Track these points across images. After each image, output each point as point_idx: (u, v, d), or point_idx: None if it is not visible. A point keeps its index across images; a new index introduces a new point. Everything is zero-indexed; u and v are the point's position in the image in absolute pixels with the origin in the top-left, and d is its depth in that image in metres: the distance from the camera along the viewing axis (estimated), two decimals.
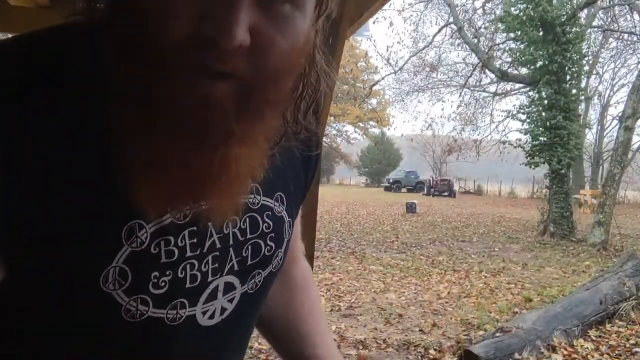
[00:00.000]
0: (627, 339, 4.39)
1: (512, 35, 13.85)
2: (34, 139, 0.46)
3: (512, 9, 13.20)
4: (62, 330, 0.51)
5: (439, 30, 19.72)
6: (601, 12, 18.43)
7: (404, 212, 17.52)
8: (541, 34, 12.55)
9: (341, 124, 40.49)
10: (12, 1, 2.29)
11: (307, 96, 0.56)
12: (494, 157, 21.70)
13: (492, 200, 28.79)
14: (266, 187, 0.59)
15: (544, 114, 12.79)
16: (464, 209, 19.99)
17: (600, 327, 4.64)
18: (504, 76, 16.09)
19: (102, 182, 0.48)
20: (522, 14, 12.59)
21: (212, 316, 0.57)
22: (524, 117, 13.56)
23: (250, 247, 0.59)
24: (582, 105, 23.38)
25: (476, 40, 17.72)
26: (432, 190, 30.76)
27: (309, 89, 0.55)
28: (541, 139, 12.81)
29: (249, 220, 0.58)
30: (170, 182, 0.46)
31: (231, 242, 0.57)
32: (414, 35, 23.71)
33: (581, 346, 4.17)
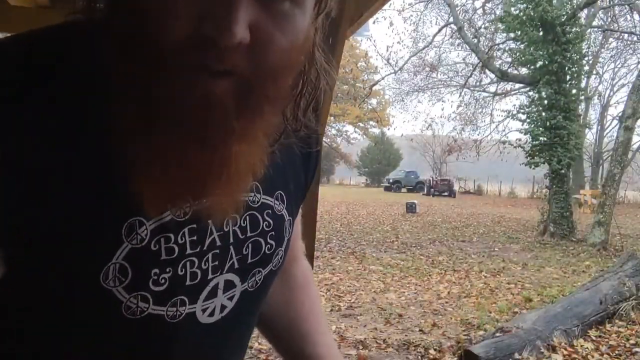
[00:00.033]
0: (627, 339, 4.38)
1: (512, 35, 13.86)
2: (34, 139, 0.46)
3: (512, 9, 13.20)
4: (62, 330, 0.51)
5: (439, 30, 19.73)
6: (601, 12, 18.44)
7: (404, 212, 17.52)
8: (541, 34, 12.55)
9: (341, 124, 40.51)
10: (12, 1, 2.29)
11: (307, 93, 0.56)
12: (494, 157, 21.70)
13: (492, 200, 28.80)
14: (266, 185, 0.60)
15: (544, 114, 12.80)
16: (464, 209, 19.99)
17: (600, 327, 4.64)
18: (504, 76, 16.09)
19: (102, 181, 0.48)
20: (522, 14, 12.59)
21: (212, 314, 0.57)
22: (524, 117, 13.57)
23: (250, 245, 0.59)
24: (582, 105, 23.39)
25: (476, 40, 17.72)
26: (432, 190, 30.75)
27: (309, 86, 0.55)
28: (541, 139, 12.82)
29: (249, 218, 0.58)
30: (170, 180, 0.46)
31: (231, 240, 0.57)
32: (414, 35, 23.74)
33: (581, 346, 4.17)
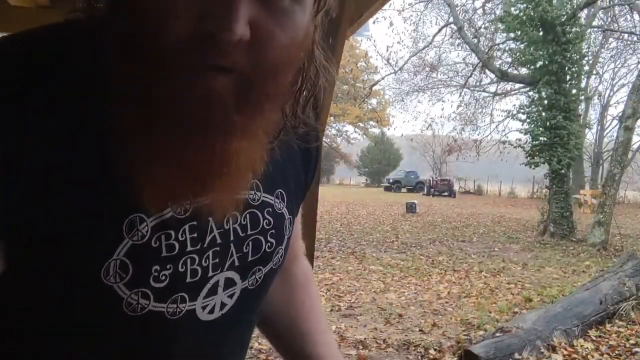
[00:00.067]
0: (627, 339, 4.38)
1: (512, 35, 13.85)
2: (34, 139, 0.46)
3: (512, 9, 13.20)
4: (62, 330, 0.51)
5: (439, 30, 19.73)
6: (601, 12, 18.44)
7: (404, 212, 17.52)
8: (541, 34, 12.55)
9: (341, 124, 40.50)
10: (12, 1, 2.29)
11: (306, 90, 0.56)
12: (494, 157, 21.70)
13: (492, 200, 28.79)
14: (266, 183, 0.60)
15: (544, 114, 12.80)
16: (464, 209, 19.99)
17: (600, 327, 4.64)
18: (504, 76, 16.09)
19: (102, 181, 0.48)
20: (522, 14, 12.59)
21: (211, 311, 0.57)
22: (524, 117, 13.56)
23: (251, 243, 0.59)
24: (582, 105, 23.39)
25: (476, 40, 17.72)
26: (432, 190, 30.75)
27: (308, 83, 0.56)
28: (541, 139, 12.82)
29: (249, 216, 0.58)
30: (170, 180, 0.46)
31: (232, 238, 0.57)
32: (414, 35, 23.76)
33: (581, 346, 4.17)
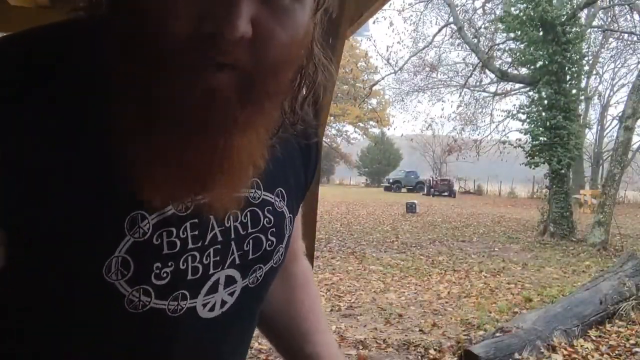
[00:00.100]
0: (627, 339, 4.38)
1: (512, 35, 13.85)
2: (34, 139, 0.46)
3: (512, 9, 13.20)
4: (62, 329, 0.51)
5: (439, 30, 19.73)
6: (601, 12, 18.44)
7: (404, 212, 17.52)
8: (541, 34, 12.55)
9: (341, 124, 40.50)
10: (12, 1, 2.29)
11: (305, 87, 0.56)
12: (494, 157, 21.70)
13: (492, 200, 28.79)
14: (267, 182, 0.60)
15: (544, 114, 12.79)
16: (464, 209, 19.99)
17: (600, 327, 4.64)
18: (504, 76, 16.09)
19: (102, 181, 0.48)
20: (522, 14, 12.59)
21: (212, 309, 0.57)
22: (524, 117, 13.57)
23: (251, 241, 0.59)
24: (582, 105, 23.39)
25: (476, 40, 17.72)
26: (432, 190, 30.74)
27: (307, 80, 0.56)
28: (541, 139, 12.82)
29: (250, 214, 0.59)
30: (170, 179, 0.47)
31: (233, 236, 0.57)
32: (414, 35, 23.73)
33: (581, 346, 4.17)
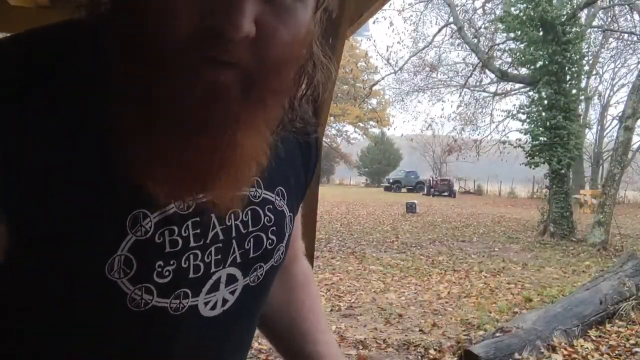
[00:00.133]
0: (627, 339, 4.39)
1: (512, 35, 13.85)
2: (34, 139, 0.46)
3: (512, 9, 13.20)
4: (63, 329, 0.51)
5: (439, 30, 19.73)
6: (601, 12, 18.44)
7: (404, 212, 17.52)
8: (541, 34, 12.55)
9: (341, 124, 40.50)
10: (12, 1, 2.29)
11: (304, 84, 0.57)
12: (494, 157, 21.70)
13: (492, 200, 28.79)
14: (267, 181, 0.60)
15: (544, 114, 12.80)
16: (464, 209, 19.99)
17: (600, 327, 4.64)
18: (504, 76, 16.09)
19: (103, 181, 0.48)
20: (522, 14, 12.59)
21: (214, 307, 0.57)
22: (524, 117, 13.57)
23: (252, 239, 0.59)
24: (582, 105, 23.40)
25: (476, 40, 17.72)
26: (432, 190, 30.74)
27: (306, 77, 0.56)
28: (541, 139, 12.82)
29: (250, 213, 0.59)
30: (171, 179, 0.47)
31: (234, 234, 0.57)
32: (414, 35, 23.74)
33: (581, 346, 4.17)
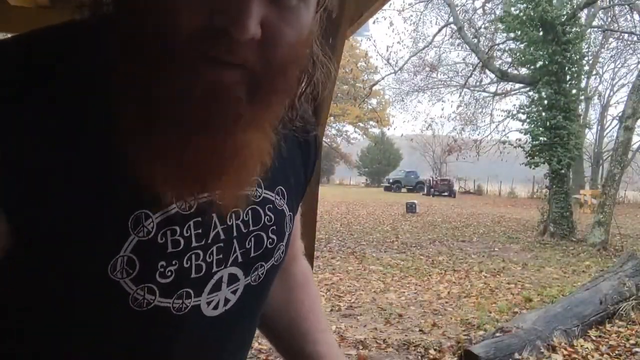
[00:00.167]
0: (627, 339, 4.39)
1: (512, 35, 13.85)
2: (34, 139, 0.46)
3: (512, 9, 13.20)
4: (63, 329, 0.51)
5: (439, 30, 19.73)
6: (601, 12, 18.44)
7: (404, 212, 17.52)
8: (541, 34, 12.55)
9: (341, 124, 40.49)
10: (12, 1, 2.29)
11: (304, 83, 0.57)
12: (494, 157, 21.70)
13: (492, 200, 28.79)
14: (267, 180, 0.60)
15: (544, 114, 12.80)
16: (464, 209, 19.99)
17: (600, 327, 4.64)
18: (504, 76, 16.09)
19: (103, 181, 0.48)
20: (522, 14, 12.59)
21: (216, 307, 0.57)
22: (524, 117, 13.57)
23: (253, 239, 0.60)
24: (582, 105, 23.39)
25: (476, 40, 17.73)
26: (432, 190, 30.74)
27: (306, 76, 0.57)
28: (541, 139, 12.82)
29: (251, 212, 0.59)
30: (170, 179, 0.47)
31: (235, 234, 0.57)
32: (414, 35, 23.73)
33: (581, 346, 4.17)
